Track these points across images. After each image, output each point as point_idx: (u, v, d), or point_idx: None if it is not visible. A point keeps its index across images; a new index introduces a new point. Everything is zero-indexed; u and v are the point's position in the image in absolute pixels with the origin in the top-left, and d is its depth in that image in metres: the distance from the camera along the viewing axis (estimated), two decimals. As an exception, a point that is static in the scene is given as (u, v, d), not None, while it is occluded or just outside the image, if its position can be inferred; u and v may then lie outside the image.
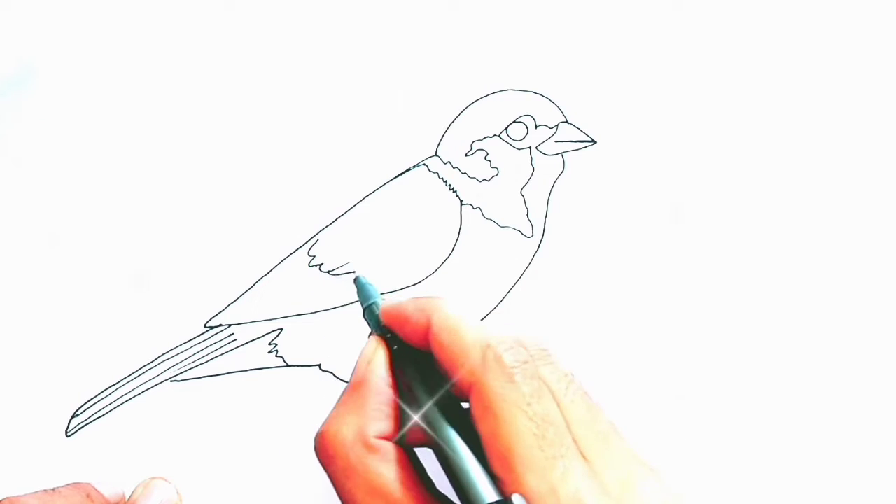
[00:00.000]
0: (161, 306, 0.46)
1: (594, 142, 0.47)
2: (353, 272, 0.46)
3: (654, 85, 0.48)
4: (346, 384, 0.34)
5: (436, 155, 0.47)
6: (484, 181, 0.47)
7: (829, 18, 0.49)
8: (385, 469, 0.31)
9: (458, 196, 0.47)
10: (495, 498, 0.28)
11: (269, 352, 0.45)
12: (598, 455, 0.29)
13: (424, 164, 0.47)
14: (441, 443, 0.30)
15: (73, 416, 0.44)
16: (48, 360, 0.45)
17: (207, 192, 0.47)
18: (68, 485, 0.39)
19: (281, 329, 0.45)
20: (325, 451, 0.32)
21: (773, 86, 0.48)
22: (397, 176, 0.47)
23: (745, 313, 0.44)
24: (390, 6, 0.50)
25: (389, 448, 0.31)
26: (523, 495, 0.28)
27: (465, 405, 0.31)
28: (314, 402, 0.44)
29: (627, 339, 0.44)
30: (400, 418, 0.33)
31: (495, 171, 0.47)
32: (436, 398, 0.31)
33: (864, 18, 0.49)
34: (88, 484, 0.39)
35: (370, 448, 0.31)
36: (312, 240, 0.46)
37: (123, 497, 0.40)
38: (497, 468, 0.29)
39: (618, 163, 0.47)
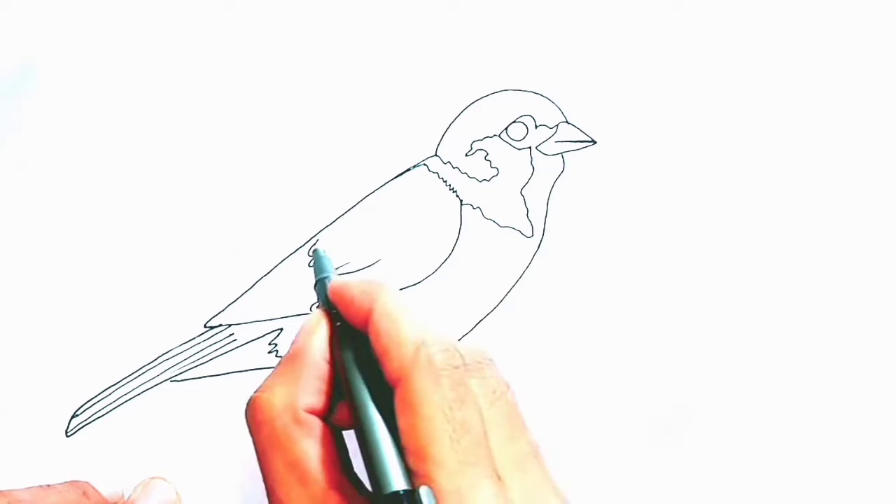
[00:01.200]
0: (161, 306, 0.46)
1: (594, 142, 0.47)
2: (354, 273, 0.46)
3: (654, 85, 0.48)
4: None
5: (436, 155, 0.47)
6: (484, 181, 0.47)
7: (829, 18, 0.49)
8: (307, 444, 0.31)
9: (458, 196, 0.47)
10: (404, 486, 0.29)
11: (269, 352, 0.45)
12: (511, 475, 0.29)
13: (424, 164, 0.47)
14: (362, 425, 0.30)
15: (73, 416, 0.44)
16: (48, 360, 0.45)
17: (208, 191, 0.47)
18: (66, 482, 0.39)
19: (281, 329, 0.45)
20: (253, 417, 0.32)
21: (773, 85, 0.48)
22: (397, 176, 0.47)
23: (745, 313, 0.44)
24: (390, 6, 0.50)
25: (316, 423, 0.31)
26: (432, 490, 0.28)
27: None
28: (314, 402, 0.44)
29: (627, 339, 0.44)
30: (332, 393, 0.33)
31: (495, 171, 0.47)
32: (369, 380, 0.31)
33: (864, 18, 0.49)
34: (86, 482, 0.39)
35: (297, 420, 0.31)
36: (312, 240, 0.46)
37: (122, 496, 0.40)
38: (411, 461, 0.29)
39: (618, 163, 0.47)
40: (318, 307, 0.35)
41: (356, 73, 0.49)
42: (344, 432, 0.33)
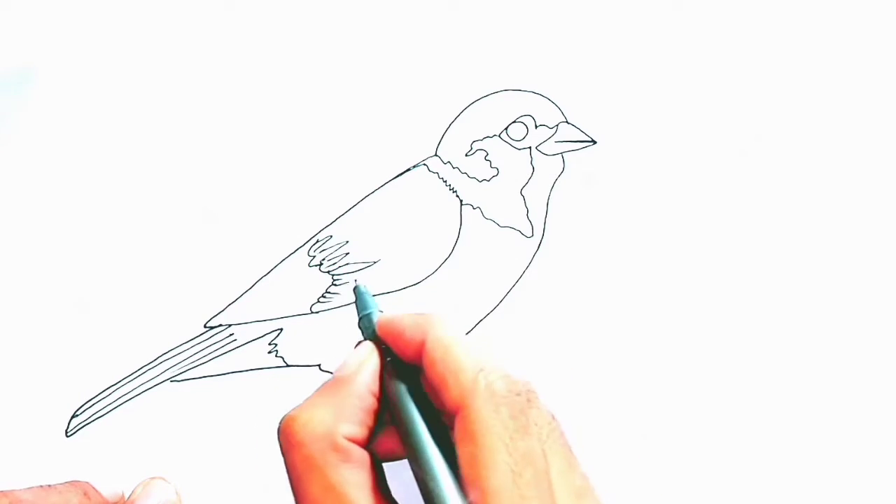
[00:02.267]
0: (161, 306, 0.46)
1: (594, 142, 0.47)
2: (354, 273, 0.46)
3: (654, 85, 0.48)
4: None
5: (436, 155, 0.47)
6: (484, 181, 0.47)
7: (829, 18, 0.49)
8: (345, 471, 0.30)
9: (458, 196, 0.47)
10: None
11: (269, 352, 0.45)
12: None
13: (424, 164, 0.47)
14: (419, 456, 0.30)
15: (73, 416, 0.44)
16: (48, 360, 0.45)
17: (207, 191, 0.47)
18: (66, 482, 0.39)
19: (281, 329, 0.45)
20: (290, 437, 0.31)
21: (774, 85, 0.48)
22: (397, 176, 0.47)
23: (745, 313, 0.44)
24: (390, 6, 0.50)
25: (357, 452, 0.31)
26: None
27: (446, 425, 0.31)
28: (314, 402, 0.44)
29: (627, 339, 0.44)
30: (375, 427, 0.32)
31: (495, 171, 0.47)
32: (421, 413, 0.31)
33: (864, 18, 0.49)
34: (87, 483, 0.39)
35: (336, 447, 0.31)
36: (312, 240, 0.46)
37: (122, 496, 0.40)
38: (470, 493, 0.28)
39: (618, 163, 0.47)
40: (364, 341, 0.35)
41: (356, 73, 0.49)
42: (390, 464, 0.33)
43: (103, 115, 0.49)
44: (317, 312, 0.45)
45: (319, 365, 0.45)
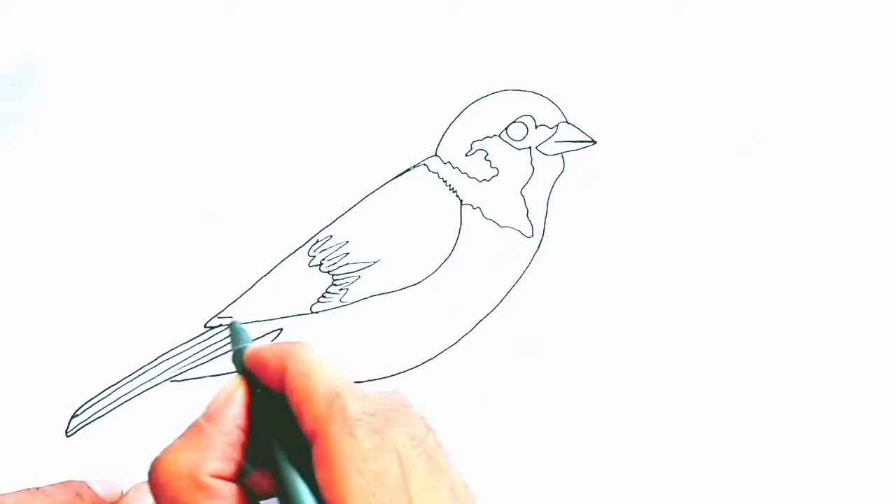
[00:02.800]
0: (161, 306, 0.46)
1: (594, 142, 0.47)
2: (354, 273, 0.46)
3: (654, 85, 0.48)
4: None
5: (436, 155, 0.47)
6: (484, 181, 0.47)
7: (829, 18, 0.49)
8: None
9: (458, 196, 0.47)
10: None
11: (269, 352, 0.45)
12: None
13: (424, 164, 0.47)
14: (283, 487, 0.30)
15: (73, 416, 0.44)
16: (48, 360, 0.45)
17: (207, 191, 0.47)
18: (58, 483, 0.39)
19: (281, 329, 0.45)
20: (155, 479, 0.32)
21: (773, 86, 0.48)
22: (397, 176, 0.47)
23: (744, 313, 0.44)
24: (390, 6, 0.50)
25: (225, 488, 0.31)
26: None
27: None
28: (314, 402, 0.44)
29: (627, 339, 0.44)
30: (245, 462, 0.33)
31: (495, 171, 0.47)
32: (279, 444, 0.31)
33: (864, 18, 0.49)
34: (82, 482, 0.39)
35: (200, 486, 0.31)
36: (312, 240, 0.46)
37: (121, 495, 0.40)
38: None
39: (618, 163, 0.47)
40: (234, 376, 0.35)
41: (356, 73, 0.49)
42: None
43: (104, 114, 0.49)
44: (317, 312, 0.45)
45: (319, 365, 0.45)
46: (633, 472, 0.43)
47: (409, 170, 0.47)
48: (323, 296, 0.45)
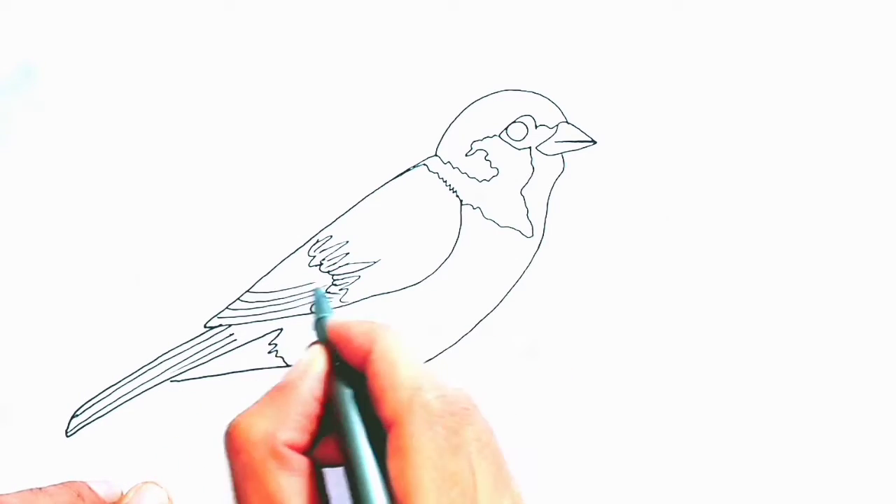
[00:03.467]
0: (161, 306, 0.46)
1: (594, 142, 0.47)
2: (354, 273, 0.46)
3: (654, 85, 0.48)
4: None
5: (436, 155, 0.47)
6: (484, 181, 0.47)
7: (829, 18, 0.49)
8: (284, 479, 0.30)
9: (458, 196, 0.47)
10: None
11: (269, 352, 0.45)
12: None
13: (424, 164, 0.47)
14: (353, 464, 0.30)
15: (73, 416, 0.44)
16: (48, 360, 0.45)
17: (207, 191, 0.47)
18: (59, 484, 0.39)
19: (281, 329, 0.45)
20: (230, 443, 0.32)
21: (774, 86, 0.48)
22: (397, 176, 0.47)
23: (744, 313, 0.44)
24: (390, 6, 0.50)
25: (297, 459, 0.31)
26: None
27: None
28: (314, 402, 0.44)
29: (627, 339, 0.44)
30: (318, 433, 0.32)
31: (495, 171, 0.47)
32: (363, 420, 0.31)
33: (864, 18, 0.49)
34: (82, 483, 0.39)
35: (276, 454, 0.31)
36: (312, 240, 0.46)
37: (121, 496, 0.40)
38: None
39: (618, 163, 0.47)
40: (313, 343, 0.35)
41: (356, 73, 0.49)
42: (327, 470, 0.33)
43: (104, 114, 0.49)
44: (317, 312, 0.45)
45: (319, 365, 0.45)
46: (633, 471, 0.43)
47: (409, 170, 0.47)
48: (323, 296, 0.45)
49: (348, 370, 0.33)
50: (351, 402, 0.32)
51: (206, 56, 0.50)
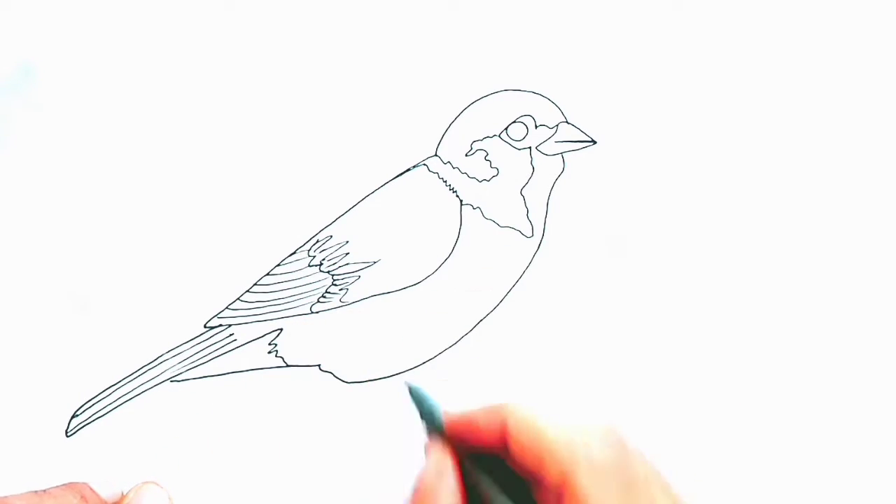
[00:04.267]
0: (161, 306, 0.46)
1: (594, 142, 0.47)
2: (354, 273, 0.46)
3: (654, 85, 0.48)
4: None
5: (436, 155, 0.47)
6: (484, 181, 0.47)
7: (829, 18, 0.49)
8: None
9: (458, 196, 0.47)
10: None
11: (269, 352, 0.45)
12: None
13: (424, 164, 0.47)
14: None
15: (73, 416, 0.44)
16: (48, 360, 0.45)
17: (207, 191, 0.47)
18: (61, 485, 0.39)
19: (281, 329, 0.45)
20: None
21: (774, 86, 0.48)
22: (397, 176, 0.47)
23: (744, 314, 0.44)
24: (390, 6, 0.50)
25: None
26: None
27: None
28: (314, 402, 0.44)
29: (627, 339, 0.44)
30: None
31: (495, 171, 0.47)
32: (515, 499, 0.30)
33: (864, 18, 0.49)
34: (84, 484, 0.39)
35: None
36: (312, 240, 0.46)
37: (121, 496, 0.40)
38: None
39: (618, 163, 0.47)
40: (429, 446, 0.33)
41: (356, 73, 0.49)
42: None
43: (103, 114, 0.49)
44: (317, 312, 0.45)
45: (319, 365, 0.45)
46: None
47: (409, 170, 0.47)
48: (323, 296, 0.45)
49: (479, 460, 0.32)
50: (496, 491, 0.31)
51: (206, 56, 0.50)
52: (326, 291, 0.46)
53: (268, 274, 0.46)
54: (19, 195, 0.48)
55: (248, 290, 0.46)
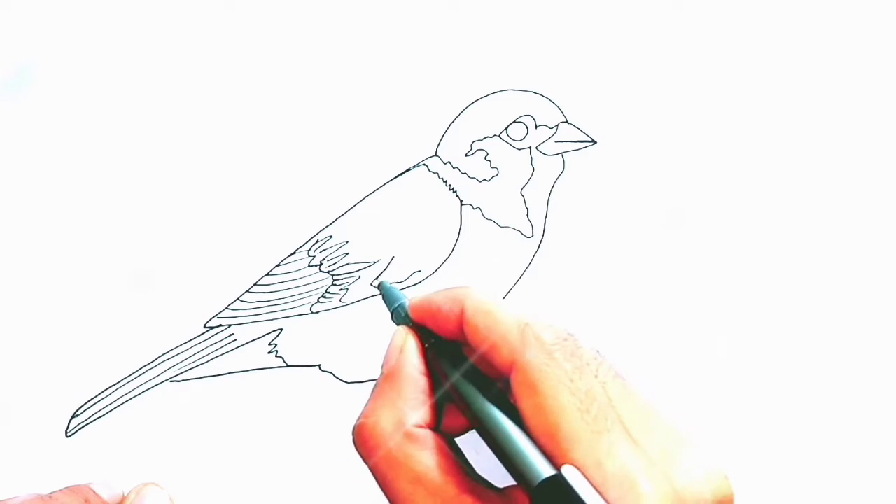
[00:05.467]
0: (161, 306, 0.46)
1: (594, 142, 0.47)
2: (354, 273, 0.46)
3: (654, 85, 0.48)
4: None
5: (436, 155, 0.47)
6: (484, 181, 0.47)
7: (829, 18, 0.49)
8: (425, 457, 0.31)
9: (458, 196, 0.47)
10: (551, 472, 0.28)
11: (269, 352, 0.45)
12: (641, 429, 0.29)
13: (424, 164, 0.47)
14: (488, 424, 0.31)
15: (73, 416, 0.44)
16: (48, 360, 0.45)
17: (207, 192, 0.47)
18: (66, 489, 0.39)
19: (281, 329, 0.45)
20: (364, 442, 0.32)
21: (773, 86, 0.48)
22: (397, 176, 0.47)
23: (744, 314, 0.44)
24: (390, 6, 0.50)
25: (429, 436, 0.31)
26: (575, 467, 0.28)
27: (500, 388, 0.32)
28: (314, 402, 0.44)
29: (627, 340, 0.44)
30: (436, 407, 0.33)
31: (495, 171, 0.47)
32: (470, 383, 0.32)
33: (864, 18, 0.49)
34: (87, 486, 0.39)
35: (410, 437, 0.31)
36: (312, 240, 0.46)
37: (122, 498, 0.40)
38: (543, 443, 0.29)
39: (618, 163, 0.47)
40: (398, 327, 0.35)
41: (356, 73, 0.49)
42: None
43: (102, 115, 0.49)
44: (317, 312, 0.45)
45: (319, 365, 0.45)
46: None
47: (409, 170, 0.47)
48: (323, 296, 0.45)
49: (441, 344, 0.34)
50: (453, 369, 0.32)
51: (206, 56, 0.50)
52: (326, 291, 0.46)
53: (268, 274, 0.46)
54: (19, 194, 0.48)
55: (248, 290, 0.46)
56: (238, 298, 0.46)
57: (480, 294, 0.33)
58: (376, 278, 0.45)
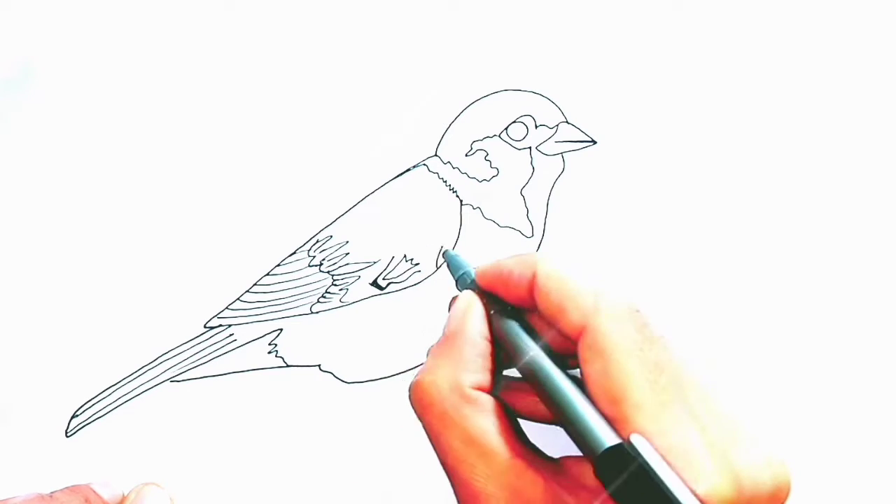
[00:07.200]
0: (161, 306, 0.46)
1: (594, 142, 0.47)
2: (354, 273, 0.46)
3: (654, 85, 0.48)
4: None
5: (436, 155, 0.47)
6: (484, 181, 0.47)
7: (829, 18, 0.49)
8: (481, 419, 0.31)
9: (458, 196, 0.47)
10: (616, 441, 0.28)
11: (269, 352, 0.45)
12: (704, 409, 0.29)
13: (424, 165, 0.47)
14: (552, 389, 0.30)
15: (73, 416, 0.44)
16: (48, 360, 0.45)
17: (207, 191, 0.47)
18: (66, 489, 0.39)
19: (281, 329, 0.45)
20: (420, 400, 0.32)
21: (773, 86, 0.48)
22: (397, 176, 0.47)
23: (744, 314, 0.44)
24: (390, 6, 0.50)
25: (486, 399, 0.31)
26: (643, 437, 0.28)
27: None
28: (314, 402, 0.44)
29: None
30: (495, 371, 0.33)
31: (495, 171, 0.47)
32: (537, 347, 0.32)
33: (864, 18, 0.49)
34: (87, 486, 0.39)
35: (466, 398, 0.31)
36: (312, 240, 0.46)
37: (122, 498, 0.40)
38: (607, 409, 0.29)
39: (618, 163, 0.47)
40: (462, 291, 0.35)
41: (356, 73, 0.49)
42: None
43: (102, 114, 0.49)
44: (317, 312, 0.45)
45: (319, 365, 0.45)
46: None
47: (409, 170, 0.47)
48: (323, 296, 0.45)
49: (505, 311, 0.34)
50: (522, 331, 0.33)
51: (206, 56, 0.50)
52: (326, 291, 0.46)
53: (268, 274, 0.46)
54: (19, 195, 0.48)
55: (248, 291, 0.46)
56: (238, 298, 0.46)
57: (552, 260, 0.33)
58: (376, 278, 0.45)
